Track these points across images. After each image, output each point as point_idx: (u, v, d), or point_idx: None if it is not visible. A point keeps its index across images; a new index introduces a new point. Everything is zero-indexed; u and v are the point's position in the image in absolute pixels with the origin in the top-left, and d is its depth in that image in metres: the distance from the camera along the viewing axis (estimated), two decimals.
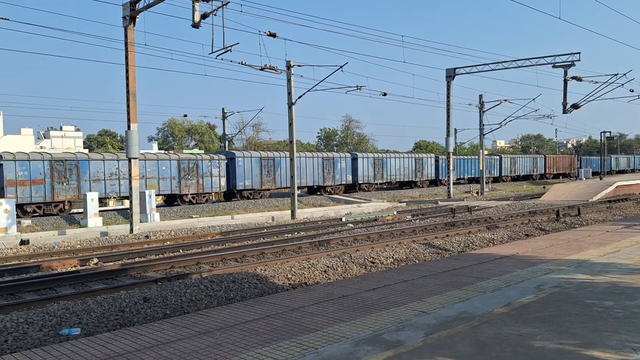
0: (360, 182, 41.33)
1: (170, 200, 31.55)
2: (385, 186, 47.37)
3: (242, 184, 33.45)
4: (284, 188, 35.86)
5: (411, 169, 45.99)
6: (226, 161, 32.95)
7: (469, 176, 52.47)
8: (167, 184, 29.59)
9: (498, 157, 57.24)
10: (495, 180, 55.59)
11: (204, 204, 30.90)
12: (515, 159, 59.74)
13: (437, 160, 49.10)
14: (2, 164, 23.89)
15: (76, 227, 22.45)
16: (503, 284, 7.35)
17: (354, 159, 40.76)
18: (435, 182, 48.98)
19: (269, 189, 35.89)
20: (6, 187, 23.85)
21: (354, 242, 15.46)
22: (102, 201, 29.48)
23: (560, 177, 65.23)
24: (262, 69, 23.14)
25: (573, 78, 28.78)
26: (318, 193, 38.41)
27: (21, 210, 24.36)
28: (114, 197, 28.78)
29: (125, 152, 21.23)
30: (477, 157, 50.80)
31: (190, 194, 30.91)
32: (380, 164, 43.05)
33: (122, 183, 27.45)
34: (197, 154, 35.92)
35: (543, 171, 63.62)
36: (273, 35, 21.09)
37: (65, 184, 25.72)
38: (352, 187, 41.24)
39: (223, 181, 32.54)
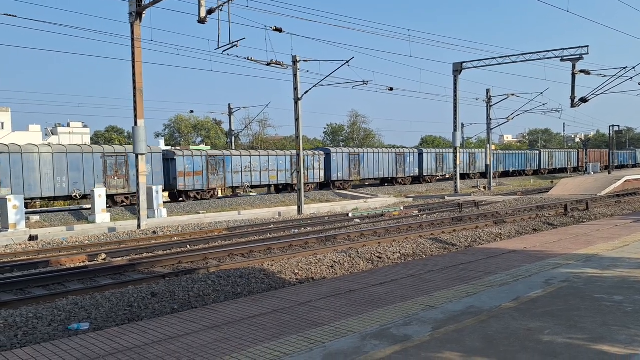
0: (425, 174, 46.09)
1: (281, 189, 37.19)
2: (447, 177, 50.72)
3: (336, 175, 38.17)
4: (366, 179, 41.53)
5: (466, 163, 50.81)
6: (324, 156, 37.72)
7: (514, 168, 56.94)
8: (282, 175, 35.65)
9: (537, 152, 62.36)
10: (535, 173, 60.39)
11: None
12: (552, 153, 64.67)
13: (472, 155, 52.91)
14: (175, 159, 29.84)
15: (84, 223, 22.58)
16: (511, 279, 7.32)
17: (420, 154, 45.90)
18: (464, 177, 51.94)
19: (353, 180, 40.50)
20: (178, 177, 29.89)
21: (360, 238, 15.45)
22: (235, 189, 35.30)
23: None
24: (268, 64, 23.11)
25: (581, 71, 28.53)
26: (387, 184, 43.72)
27: (185, 195, 30.66)
28: (248, 186, 33.89)
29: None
30: (523, 151, 58.83)
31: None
32: (442, 158, 47.53)
33: (253, 175, 33.72)
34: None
35: (576, 164, 67.99)
36: (279, 30, 21.06)
37: (215, 174, 31.80)
38: (417, 179, 45.96)
39: (322, 173, 37.68)
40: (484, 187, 42.14)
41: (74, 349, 4.96)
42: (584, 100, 28.35)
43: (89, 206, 26.81)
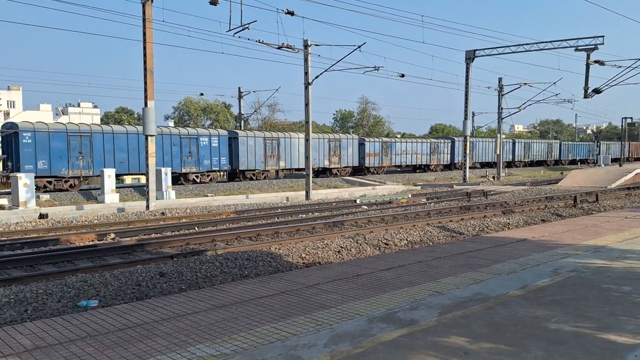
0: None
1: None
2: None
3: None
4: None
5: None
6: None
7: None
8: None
9: (591, 143, 67.37)
10: (583, 161, 64.72)
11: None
12: (609, 145, 69.49)
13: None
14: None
15: (93, 203, 22.75)
16: (518, 267, 7.31)
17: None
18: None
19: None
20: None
21: (368, 224, 15.46)
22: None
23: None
24: (279, 48, 22.99)
25: (596, 62, 28.14)
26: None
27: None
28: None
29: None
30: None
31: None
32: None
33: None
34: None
35: (628, 155, 70.99)
36: (291, 13, 20.91)
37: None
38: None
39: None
40: (493, 177, 41.95)
41: (84, 323, 5.02)
42: (597, 91, 28.01)
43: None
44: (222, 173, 34.72)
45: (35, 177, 22.12)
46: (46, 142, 24.52)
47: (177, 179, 29.86)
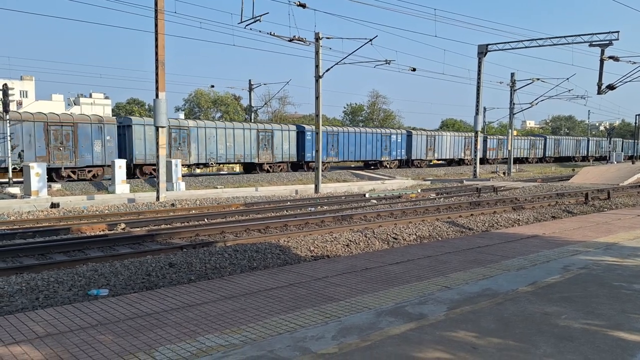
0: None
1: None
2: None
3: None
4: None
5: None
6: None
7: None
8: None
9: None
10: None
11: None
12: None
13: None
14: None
15: (104, 193, 22.93)
16: (528, 263, 7.27)
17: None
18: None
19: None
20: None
21: (377, 218, 15.45)
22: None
23: None
24: (290, 40, 22.94)
25: (610, 58, 27.80)
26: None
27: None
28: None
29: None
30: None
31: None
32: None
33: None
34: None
35: None
36: (303, 5, 20.84)
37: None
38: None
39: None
40: (504, 173, 41.70)
41: (95, 312, 5.07)
42: (611, 87, 27.69)
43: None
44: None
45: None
46: None
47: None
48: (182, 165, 29.81)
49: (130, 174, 26.88)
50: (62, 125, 24.63)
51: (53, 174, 24.49)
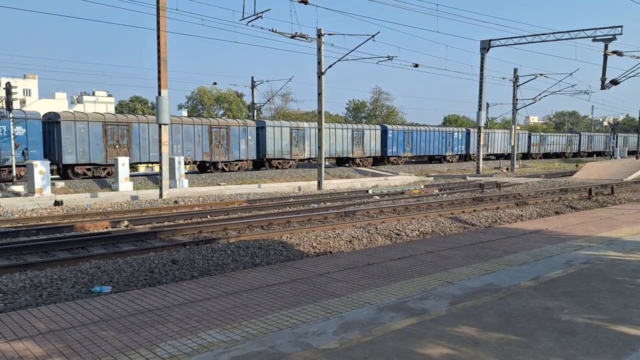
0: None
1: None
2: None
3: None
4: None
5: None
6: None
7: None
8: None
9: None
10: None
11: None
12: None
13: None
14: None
15: (107, 191, 22.98)
16: (531, 258, 7.26)
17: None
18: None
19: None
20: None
21: (379, 214, 15.43)
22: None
23: None
24: (292, 37, 22.90)
25: (614, 52, 27.65)
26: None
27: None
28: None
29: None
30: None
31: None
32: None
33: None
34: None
35: None
36: (305, 2, 20.79)
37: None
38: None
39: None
40: (507, 169, 41.61)
41: (97, 308, 5.09)
42: (614, 82, 27.55)
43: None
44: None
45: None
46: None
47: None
48: (299, 160, 36.20)
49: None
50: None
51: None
